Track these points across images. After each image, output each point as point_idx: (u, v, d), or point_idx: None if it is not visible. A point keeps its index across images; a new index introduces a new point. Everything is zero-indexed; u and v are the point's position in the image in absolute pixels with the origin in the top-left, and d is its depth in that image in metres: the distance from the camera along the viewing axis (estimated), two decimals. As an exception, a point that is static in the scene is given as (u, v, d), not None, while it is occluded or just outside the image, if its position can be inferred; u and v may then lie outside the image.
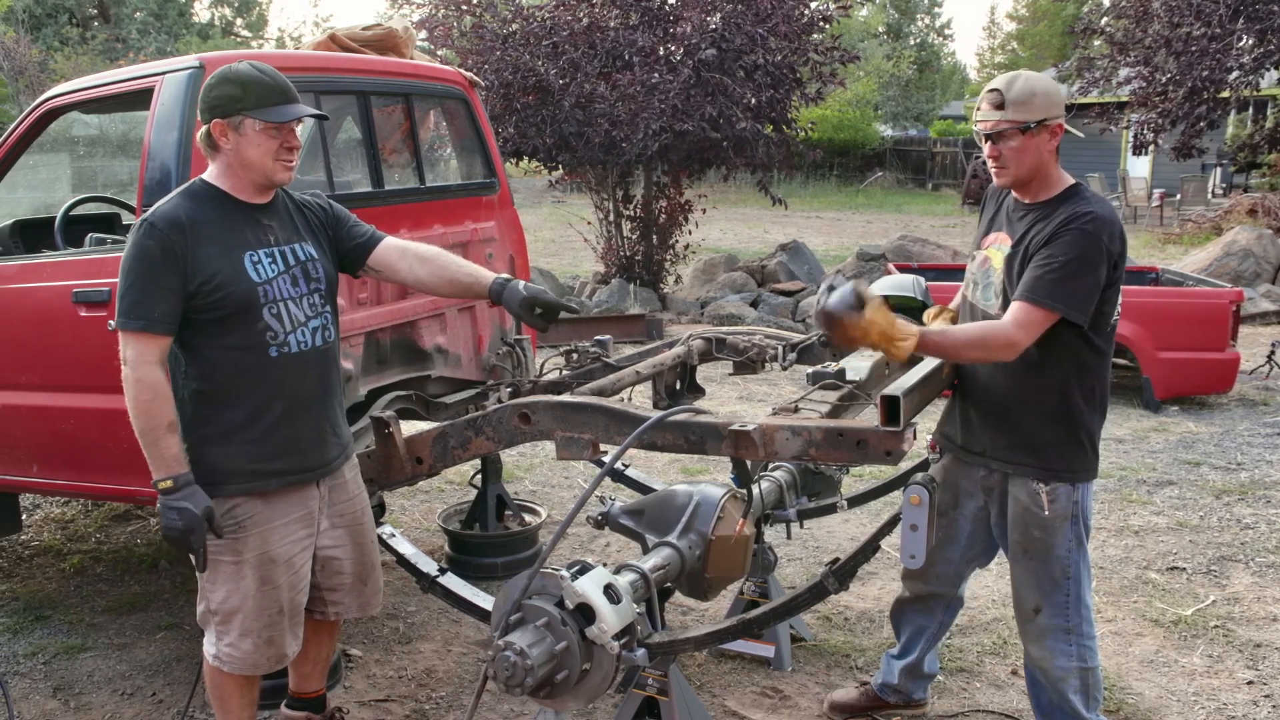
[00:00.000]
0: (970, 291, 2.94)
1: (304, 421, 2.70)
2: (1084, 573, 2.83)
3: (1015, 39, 46.75)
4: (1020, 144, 2.66)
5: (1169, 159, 15.89)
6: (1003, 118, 2.65)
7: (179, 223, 2.52)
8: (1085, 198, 2.71)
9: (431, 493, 5.58)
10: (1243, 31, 13.45)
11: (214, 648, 2.75)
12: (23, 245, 4.39)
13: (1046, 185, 2.75)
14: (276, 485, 2.66)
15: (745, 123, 10.67)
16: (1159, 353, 7.10)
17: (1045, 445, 2.76)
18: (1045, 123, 2.65)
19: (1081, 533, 2.80)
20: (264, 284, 2.60)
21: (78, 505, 5.46)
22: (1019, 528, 2.83)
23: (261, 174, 2.61)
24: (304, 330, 2.67)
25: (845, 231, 20.17)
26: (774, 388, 7.96)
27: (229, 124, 2.55)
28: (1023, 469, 2.79)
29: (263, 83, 2.55)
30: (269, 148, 2.57)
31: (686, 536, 2.91)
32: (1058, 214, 2.66)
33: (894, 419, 2.45)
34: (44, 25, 29.98)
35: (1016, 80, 2.67)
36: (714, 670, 3.66)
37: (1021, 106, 2.64)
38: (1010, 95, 2.64)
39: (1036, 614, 2.86)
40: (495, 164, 4.56)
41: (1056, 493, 2.76)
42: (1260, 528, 5.04)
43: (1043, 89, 2.66)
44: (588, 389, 3.26)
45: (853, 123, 31.58)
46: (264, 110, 2.53)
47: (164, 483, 2.49)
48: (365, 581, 2.95)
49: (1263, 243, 11.94)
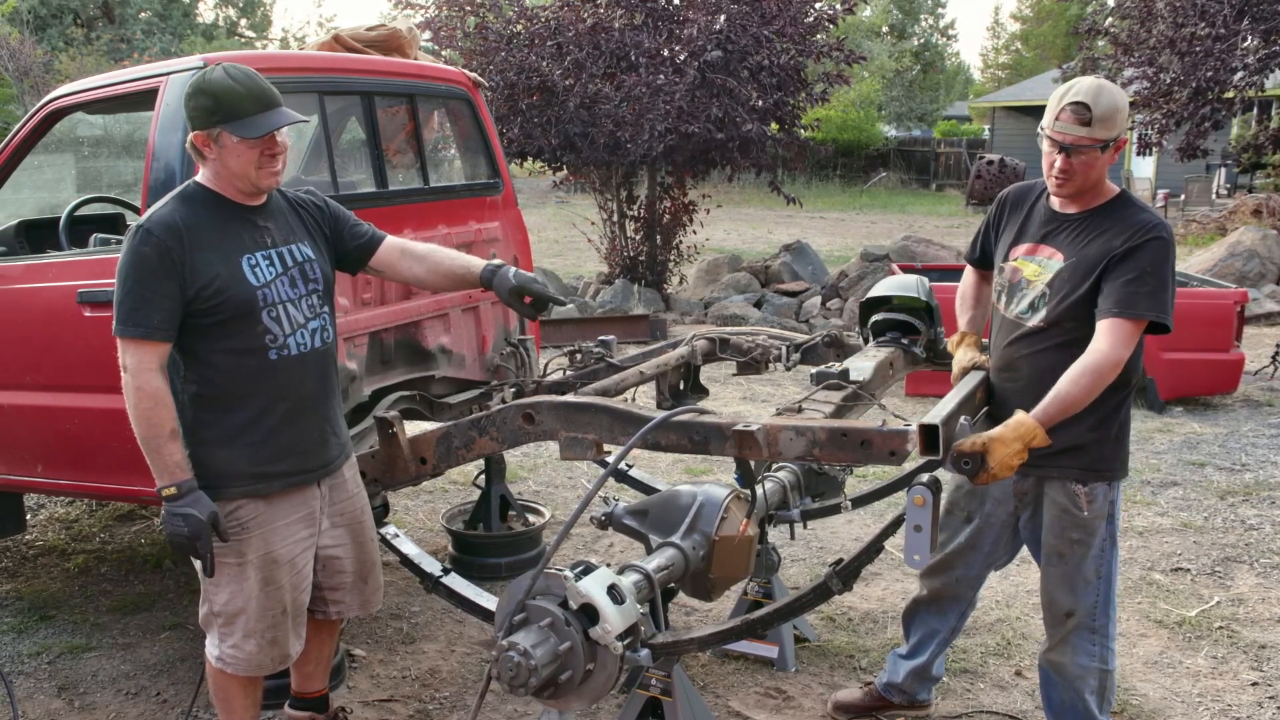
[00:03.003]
0: (1002, 304, 2.88)
1: (305, 423, 2.70)
2: (1114, 573, 2.83)
3: (1019, 39, 46.71)
4: (1094, 159, 2.62)
5: (1173, 159, 15.85)
6: (1088, 134, 2.57)
7: (175, 228, 2.49)
8: (1140, 205, 2.69)
9: (435, 493, 5.59)
10: (1247, 32, 13.42)
11: (217, 649, 2.75)
12: (28, 245, 4.40)
13: (1096, 194, 2.72)
14: (279, 487, 2.66)
15: (751, 124, 10.67)
16: (1163, 353, 7.07)
17: (1089, 445, 2.74)
18: (1118, 138, 2.62)
19: (1115, 531, 2.80)
20: (262, 287, 2.59)
21: (82, 505, 5.47)
22: (1056, 531, 2.81)
23: (246, 183, 2.59)
24: (303, 332, 2.67)
25: (849, 232, 20.17)
26: (778, 388, 7.96)
27: (208, 135, 2.52)
28: (1059, 471, 2.77)
29: (235, 93, 2.48)
30: (249, 158, 2.53)
31: (690, 537, 2.91)
32: (1122, 224, 2.63)
33: (933, 447, 2.38)
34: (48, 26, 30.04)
35: (1101, 94, 2.57)
36: (717, 671, 3.66)
37: (1106, 124, 2.57)
38: (1097, 112, 2.55)
39: (1069, 618, 2.85)
40: (499, 164, 4.56)
41: (1095, 493, 2.75)
42: (1265, 529, 5.03)
43: (1123, 105, 2.60)
44: (591, 389, 3.26)
45: (857, 123, 31.60)
46: (237, 124, 2.48)
47: (168, 490, 2.48)
48: (366, 580, 2.96)
49: (1267, 243, 11.91)
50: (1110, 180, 2.77)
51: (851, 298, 10.76)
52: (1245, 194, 18.68)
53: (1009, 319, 2.84)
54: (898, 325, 3.44)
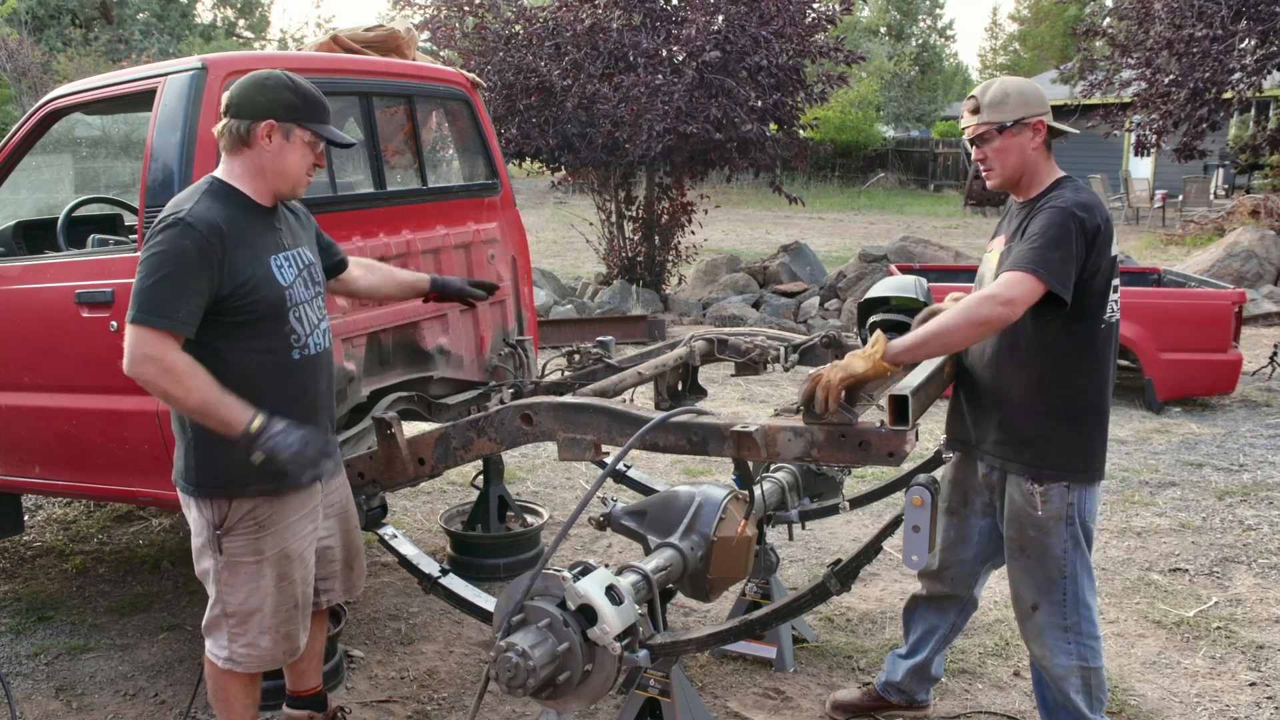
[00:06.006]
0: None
1: (317, 421, 2.75)
2: (1082, 573, 2.82)
3: (1017, 40, 46.75)
4: (1001, 144, 2.74)
5: (1171, 160, 15.86)
6: (980, 120, 2.75)
7: (216, 225, 2.48)
8: (1066, 186, 2.74)
9: (434, 494, 5.59)
10: (1245, 33, 13.43)
11: (225, 650, 2.75)
12: (26, 246, 4.40)
13: (1036, 182, 2.79)
14: (291, 485, 2.69)
15: (749, 124, 10.67)
16: (1161, 354, 7.09)
17: (1031, 441, 2.76)
18: (1023, 121, 2.71)
19: (1079, 534, 2.79)
20: (288, 287, 2.64)
21: (80, 506, 5.46)
22: (1014, 525, 2.85)
23: (290, 184, 2.63)
24: (318, 333, 2.74)
25: (847, 232, 20.18)
26: (776, 389, 7.96)
27: (281, 128, 2.55)
28: (1013, 465, 2.81)
29: (317, 100, 2.61)
30: (308, 161, 2.62)
31: (689, 538, 2.92)
32: (1039, 203, 2.72)
33: (903, 417, 2.45)
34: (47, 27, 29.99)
35: (991, 85, 2.76)
36: (716, 671, 3.66)
37: (997, 108, 2.72)
38: (985, 99, 2.75)
39: (1034, 611, 2.86)
40: (497, 165, 4.56)
41: (1050, 494, 2.76)
42: (1263, 529, 5.03)
43: (1016, 89, 2.73)
44: (590, 390, 3.26)
45: (855, 124, 31.59)
46: (318, 125, 2.59)
47: (255, 423, 2.45)
48: (352, 566, 3.02)
49: (1265, 244, 11.92)
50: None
51: (850, 298, 10.76)
52: (1243, 194, 18.67)
53: None
54: (896, 326, 3.44)
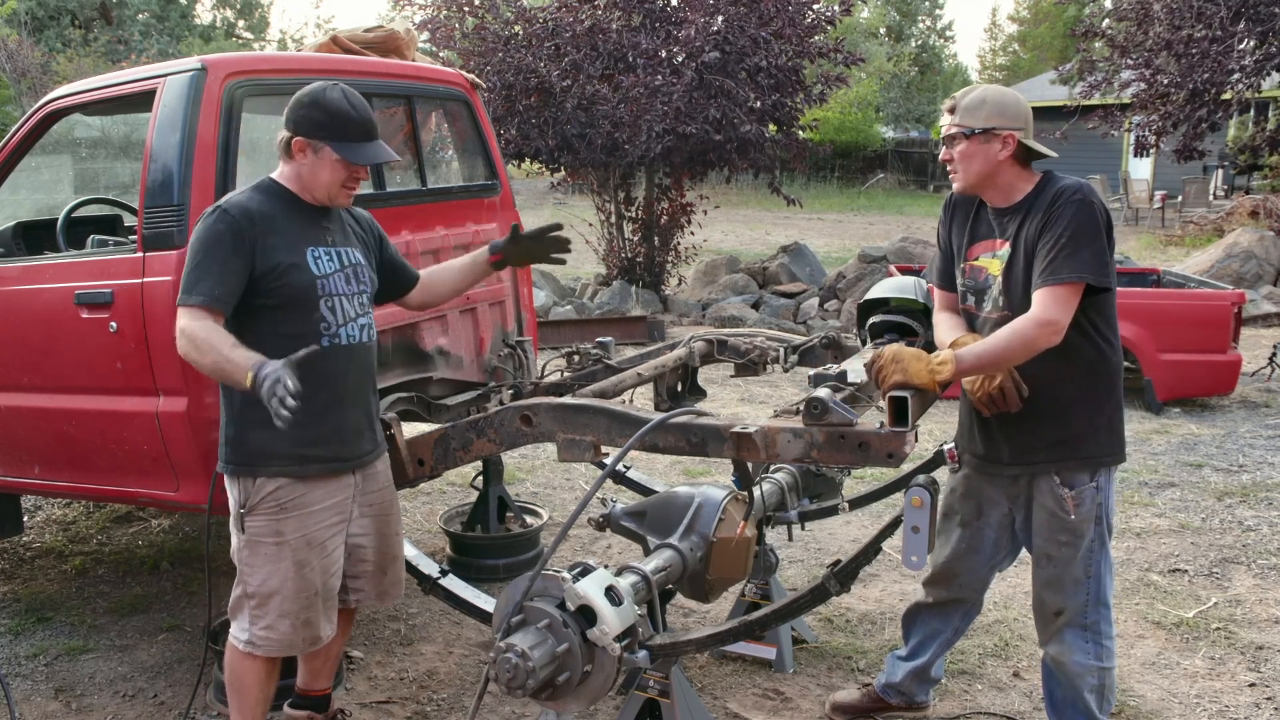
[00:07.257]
0: (971, 304, 2.90)
1: (347, 412, 2.81)
2: (1106, 573, 2.84)
3: (1016, 41, 46.73)
4: (967, 148, 2.73)
5: (1170, 161, 15.87)
6: (953, 122, 2.76)
7: (249, 211, 2.66)
8: (1059, 178, 2.74)
9: (433, 494, 5.59)
10: (1244, 34, 13.43)
11: (246, 633, 2.80)
12: (25, 247, 4.40)
13: (1015, 190, 2.77)
14: (316, 470, 2.75)
15: (749, 125, 10.68)
16: (1161, 355, 7.09)
17: (1081, 436, 2.76)
18: (994, 131, 2.69)
19: (1104, 533, 2.81)
20: (323, 278, 2.74)
21: (79, 507, 5.46)
22: (1044, 534, 2.83)
23: (325, 196, 2.78)
24: (354, 325, 2.81)
25: (847, 233, 20.18)
26: (776, 390, 7.96)
27: (309, 144, 2.69)
28: (1045, 466, 2.78)
29: (348, 116, 2.69)
30: (339, 177, 2.73)
31: (688, 538, 2.92)
32: (1041, 201, 2.70)
33: (902, 419, 2.46)
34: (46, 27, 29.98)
35: (971, 90, 2.78)
36: (715, 672, 3.66)
37: (970, 113, 2.73)
38: (962, 103, 2.75)
39: (1058, 616, 2.87)
40: (497, 165, 4.56)
41: (1082, 496, 2.76)
42: (1262, 530, 5.03)
43: (995, 99, 2.73)
44: (589, 391, 3.26)
45: (854, 124, 31.61)
46: (342, 145, 2.68)
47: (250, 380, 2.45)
48: (385, 571, 3.03)
49: (1264, 244, 11.93)
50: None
51: (849, 299, 10.76)
52: (1242, 195, 18.68)
53: (979, 316, 2.87)
54: (895, 327, 3.44)
